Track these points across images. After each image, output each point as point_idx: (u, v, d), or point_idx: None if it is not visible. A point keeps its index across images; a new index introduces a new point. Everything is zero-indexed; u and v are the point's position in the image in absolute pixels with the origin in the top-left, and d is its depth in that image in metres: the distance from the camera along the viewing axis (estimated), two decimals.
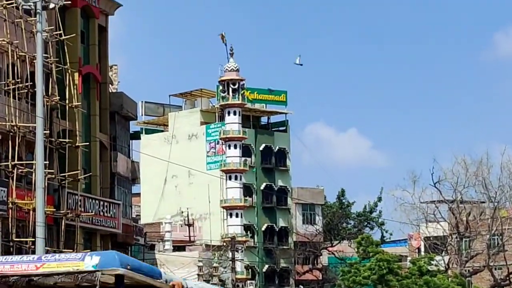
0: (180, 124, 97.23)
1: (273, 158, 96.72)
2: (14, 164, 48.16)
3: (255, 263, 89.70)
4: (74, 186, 54.00)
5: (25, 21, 48.47)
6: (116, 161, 62.88)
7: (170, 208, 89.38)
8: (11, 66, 49.35)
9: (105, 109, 61.02)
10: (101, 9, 60.30)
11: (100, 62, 60.32)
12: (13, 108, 48.95)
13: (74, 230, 53.58)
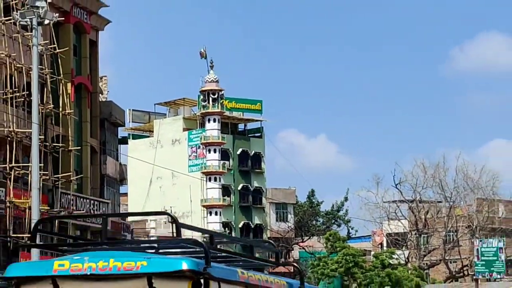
0: (164, 130, 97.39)
1: (249, 162, 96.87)
2: (11, 167, 48.34)
3: None
4: (66, 187, 54.21)
5: (22, 36, 48.65)
6: (105, 164, 63.06)
7: (155, 207, 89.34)
8: (9, 77, 49.54)
9: (96, 117, 61.21)
10: (92, 25, 60.45)
11: (91, 73, 60.51)
12: (11, 115, 49.13)
13: (67, 228, 53.82)
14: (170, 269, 8.65)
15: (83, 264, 9.27)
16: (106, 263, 9.17)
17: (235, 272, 10.43)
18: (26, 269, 10.47)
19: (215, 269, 9.17)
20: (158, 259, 9.05)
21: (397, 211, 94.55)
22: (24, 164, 46.86)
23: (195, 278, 8.43)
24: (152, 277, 8.58)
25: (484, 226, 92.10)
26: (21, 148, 48.84)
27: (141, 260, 8.75)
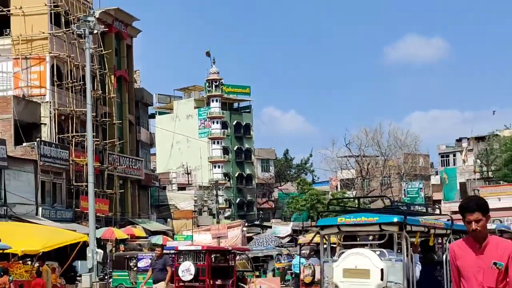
0: (181, 108, 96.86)
1: (242, 130, 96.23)
2: (73, 135, 48.46)
3: (231, 197, 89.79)
4: (112, 149, 54.42)
5: (78, 42, 48.65)
6: (139, 133, 63.20)
7: (175, 163, 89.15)
8: (70, 72, 49.60)
9: (132, 99, 61.30)
10: (128, 34, 60.34)
11: (127, 68, 60.49)
12: (72, 99, 49.32)
13: (113, 177, 54.15)
14: (389, 220, 11.76)
15: (350, 218, 12.49)
16: (360, 218, 12.34)
17: (418, 220, 12.92)
18: (325, 221, 13.65)
19: (408, 219, 12.08)
20: (383, 215, 12.33)
21: (347, 163, 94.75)
22: (82, 133, 47.04)
23: (401, 224, 11.46)
24: (381, 224, 11.64)
25: (409, 172, 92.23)
26: (79, 122, 49.02)
27: (375, 216, 12.09)
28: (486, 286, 5.15)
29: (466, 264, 5.30)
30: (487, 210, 5.32)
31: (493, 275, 5.14)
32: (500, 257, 5.13)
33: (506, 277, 5.14)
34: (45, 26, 48.81)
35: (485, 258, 5.17)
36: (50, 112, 47.88)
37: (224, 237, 49.12)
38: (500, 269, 5.10)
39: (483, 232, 5.25)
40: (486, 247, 5.21)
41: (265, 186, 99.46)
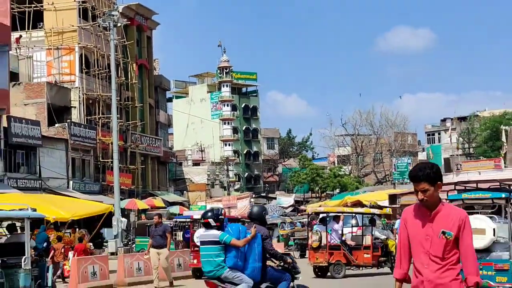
0: (195, 93, 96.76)
1: (249, 112, 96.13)
2: (99, 117, 48.74)
3: (240, 172, 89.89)
4: (134, 129, 54.56)
5: (104, 34, 48.79)
6: (158, 115, 63.24)
7: (190, 141, 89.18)
8: (96, 60, 49.70)
9: (151, 85, 61.34)
10: (148, 26, 60.31)
11: (148, 57, 60.47)
12: (98, 84, 49.47)
13: (135, 154, 54.26)
14: (499, 196, 13.95)
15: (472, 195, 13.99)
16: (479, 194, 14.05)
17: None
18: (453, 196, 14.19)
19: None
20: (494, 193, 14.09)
21: (343, 141, 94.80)
22: (107, 115, 47.10)
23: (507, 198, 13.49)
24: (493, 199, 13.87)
25: (399, 149, 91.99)
26: (105, 105, 49.08)
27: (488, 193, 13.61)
28: (432, 254, 4.67)
29: (415, 231, 4.81)
30: (436, 180, 4.77)
31: (441, 244, 4.66)
32: (450, 226, 4.66)
33: (454, 247, 4.70)
34: (74, 20, 48.84)
35: (435, 226, 4.69)
36: (79, 97, 47.99)
37: (233, 207, 49.44)
38: (449, 238, 4.63)
39: (431, 201, 4.75)
40: (436, 215, 4.72)
41: (270, 162, 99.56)
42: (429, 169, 4.80)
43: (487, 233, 13.68)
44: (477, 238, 12.28)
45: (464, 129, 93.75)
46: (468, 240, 4.72)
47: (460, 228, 4.68)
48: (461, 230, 4.68)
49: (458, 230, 4.67)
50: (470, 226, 4.76)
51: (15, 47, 46.56)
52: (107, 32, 38.40)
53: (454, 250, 4.69)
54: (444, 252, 4.65)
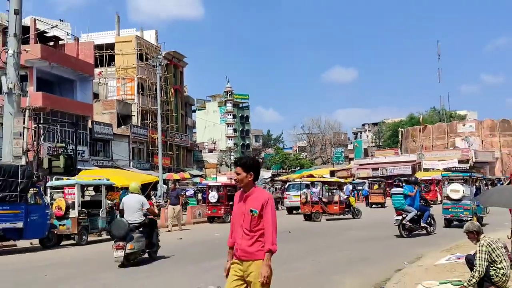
0: (210, 107, 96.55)
1: (244, 119, 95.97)
2: (149, 122, 48.30)
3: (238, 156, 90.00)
4: (171, 129, 54.11)
5: (153, 68, 48.25)
6: (187, 120, 62.80)
7: (207, 137, 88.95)
8: (148, 86, 49.23)
9: (183, 101, 60.44)
10: (181, 65, 59.76)
11: (180, 84, 59.79)
12: (149, 101, 49.01)
13: (172, 145, 53.71)
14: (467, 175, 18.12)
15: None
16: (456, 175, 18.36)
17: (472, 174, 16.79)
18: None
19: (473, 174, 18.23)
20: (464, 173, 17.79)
21: (302, 137, 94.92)
22: (155, 120, 46.50)
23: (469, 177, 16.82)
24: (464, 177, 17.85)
25: (336, 143, 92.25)
26: (153, 114, 48.44)
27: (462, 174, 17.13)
28: (244, 227, 4.20)
29: (236, 209, 4.37)
30: (250, 169, 4.27)
31: (249, 220, 4.18)
32: (257, 205, 4.17)
33: (259, 223, 4.17)
34: (134, 60, 48.46)
35: (247, 205, 4.22)
36: (137, 109, 47.67)
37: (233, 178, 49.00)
38: (255, 215, 4.16)
39: (243, 184, 4.27)
40: (249, 197, 4.25)
41: (257, 150, 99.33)
42: (247, 159, 4.34)
43: (460, 192, 17.17)
44: (455, 194, 17.11)
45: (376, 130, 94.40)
46: (267, 216, 4.17)
47: (263, 207, 4.16)
48: (264, 208, 4.16)
49: (262, 208, 4.17)
50: (272, 205, 4.22)
51: (98, 78, 46.38)
52: (155, 68, 37.93)
53: (260, 225, 4.18)
54: (251, 226, 4.17)
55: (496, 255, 6.30)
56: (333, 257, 10.98)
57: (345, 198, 23.50)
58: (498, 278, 6.27)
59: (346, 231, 17.07)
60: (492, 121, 61.75)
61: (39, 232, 14.18)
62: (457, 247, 10.88)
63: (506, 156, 58.50)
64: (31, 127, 25.63)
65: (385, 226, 18.57)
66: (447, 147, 59.92)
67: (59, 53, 36.47)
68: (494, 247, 6.35)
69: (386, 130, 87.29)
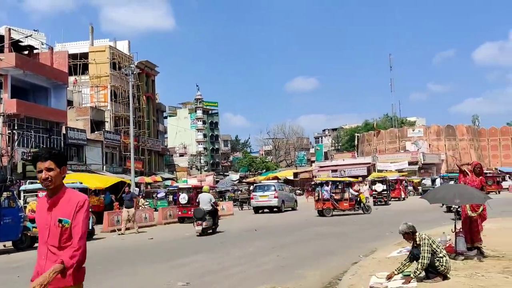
0: (181, 113, 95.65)
1: (213, 125, 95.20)
2: (122, 128, 47.42)
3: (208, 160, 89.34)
4: (143, 134, 53.33)
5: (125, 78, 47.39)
6: (158, 126, 62.08)
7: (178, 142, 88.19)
8: (121, 93, 48.42)
9: (154, 108, 59.52)
10: (152, 74, 59.01)
11: (152, 92, 58.99)
12: (122, 108, 48.19)
13: (144, 150, 52.90)
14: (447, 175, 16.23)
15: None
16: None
17: None
18: None
19: None
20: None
21: (268, 142, 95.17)
22: (127, 126, 45.60)
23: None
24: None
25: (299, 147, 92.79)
26: (126, 121, 47.48)
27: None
28: (50, 244, 2.81)
29: (40, 220, 2.92)
30: (62, 163, 2.93)
31: (58, 233, 2.80)
32: (68, 213, 2.83)
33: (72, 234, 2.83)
34: (107, 69, 47.59)
35: (53, 214, 2.84)
36: (110, 115, 46.81)
37: (203, 181, 48.69)
38: (66, 226, 2.80)
39: (56, 183, 2.87)
40: (57, 202, 2.87)
41: (225, 154, 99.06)
42: (58, 150, 2.99)
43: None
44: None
45: (335, 135, 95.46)
46: (77, 225, 2.84)
47: (74, 213, 2.84)
48: (76, 214, 2.84)
49: (73, 215, 2.84)
50: (87, 211, 2.89)
51: (74, 86, 45.47)
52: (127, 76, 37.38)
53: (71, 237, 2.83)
54: (61, 241, 2.81)
55: (436, 246, 6.55)
56: (297, 252, 11.05)
57: (354, 196, 23.83)
58: (443, 268, 6.45)
59: (309, 228, 17.20)
60: (438, 127, 63.42)
61: (12, 234, 13.89)
62: None
63: (451, 158, 60.17)
64: (5, 133, 24.89)
65: (344, 223, 18.84)
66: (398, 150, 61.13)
67: (34, 61, 35.59)
68: (433, 240, 6.62)
69: (344, 135, 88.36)
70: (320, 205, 23.29)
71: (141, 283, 8.17)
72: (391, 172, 47.81)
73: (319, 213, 23.32)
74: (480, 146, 64.16)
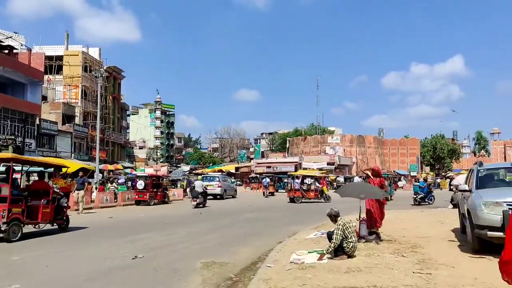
0: (142, 113, 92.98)
1: (169, 124, 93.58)
2: (90, 122, 45.32)
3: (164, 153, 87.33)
4: (109, 129, 51.28)
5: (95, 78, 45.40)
6: (122, 123, 59.97)
7: (139, 137, 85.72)
8: (90, 93, 46.31)
9: (120, 107, 57.53)
10: (119, 77, 56.97)
11: (118, 93, 56.84)
12: (91, 105, 46.08)
13: (109, 142, 50.87)
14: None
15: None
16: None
17: None
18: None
19: None
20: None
21: (215, 141, 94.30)
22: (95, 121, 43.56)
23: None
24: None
25: (241, 146, 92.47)
26: (93, 116, 45.48)
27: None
28: None
29: None
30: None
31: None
32: None
33: None
34: (79, 71, 45.39)
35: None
36: (79, 111, 44.61)
37: (159, 170, 47.57)
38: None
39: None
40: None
41: (179, 149, 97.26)
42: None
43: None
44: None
45: (270, 138, 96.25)
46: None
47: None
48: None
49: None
50: None
51: (48, 83, 42.93)
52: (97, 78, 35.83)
53: None
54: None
55: (348, 232, 6.74)
56: (233, 233, 11.04)
57: (319, 187, 24.29)
58: (348, 249, 6.70)
59: (246, 213, 17.22)
60: (352, 136, 65.75)
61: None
62: (322, 225, 11.40)
63: (360, 161, 62.62)
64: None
65: (273, 210, 19.07)
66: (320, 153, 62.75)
67: (13, 59, 33.52)
68: (347, 226, 6.81)
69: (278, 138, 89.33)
70: (292, 194, 23.80)
71: (99, 255, 7.86)
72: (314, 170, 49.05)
73: (291, 200, 23.71)
74: (383, 153, 67.17)
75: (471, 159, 78.68)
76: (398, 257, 6.76)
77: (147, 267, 6.74)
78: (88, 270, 6.52)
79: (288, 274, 5.71)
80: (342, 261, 6.45)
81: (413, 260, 6.48)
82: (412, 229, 10.45)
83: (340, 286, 4.99)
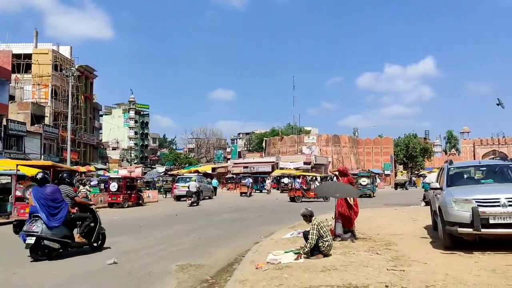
0: (115, 113, 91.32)
1: (144, 124, 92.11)
2: (60, 122, 44.22)
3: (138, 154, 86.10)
4: (80, 130, 50.21)
5: (66, 78, 44.40)
6: (95, 123, 58.76)
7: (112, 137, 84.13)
8: (61, 92, 45.17)
9: (92, 107, 56.38)
10: (91, 76, 55.74)
11: (90, 92, 55.74)
12: (61, 105, 44.92)
13: (80, 143, 49.78)
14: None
15: None
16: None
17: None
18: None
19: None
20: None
21: (191, 141, 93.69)
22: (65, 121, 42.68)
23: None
24: None
25: (218, 146, 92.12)
26: (64, 117, 44.47)
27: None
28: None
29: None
30: None
31: None
32: None
33: None
34: (49, 70, 44.19)
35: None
36: (50, 111, 43.45)
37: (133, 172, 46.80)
38: None
39: None
40: None
41: (154, 150, 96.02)
42: None
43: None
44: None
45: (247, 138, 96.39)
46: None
47: None
48: None
49: None
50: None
51: (15, 82, 41.58)
52: (68, 77, 34.96)
53: None
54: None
55: (323, 232, 6.83)
56: (209, 234, 11.00)
57: None
58: (324, 248, 6.79)
59: (223, 214, 17.19)
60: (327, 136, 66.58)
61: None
62: (299, 225, 11.48)
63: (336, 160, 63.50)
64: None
65: (250, 210, 19.10)
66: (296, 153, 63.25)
67: None
68: (322, 226, 6.89)
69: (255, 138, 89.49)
70: (293, 193, 24.21)
71: (73, 260, 7.68)
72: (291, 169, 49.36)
73: (291, 199, 24.04)
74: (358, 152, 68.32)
75: (442, 158, 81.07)
76: (373, 255, 6.88)
77: (122, 271, 6.64)
78: (62, 275, 6.37)
79: (265, 274, 5.74)
80: (318, 260, 6.53)
81: (387, 258, 6.61)
82: (386, 226, 10.64)
83: (316, 285, 5.05)
